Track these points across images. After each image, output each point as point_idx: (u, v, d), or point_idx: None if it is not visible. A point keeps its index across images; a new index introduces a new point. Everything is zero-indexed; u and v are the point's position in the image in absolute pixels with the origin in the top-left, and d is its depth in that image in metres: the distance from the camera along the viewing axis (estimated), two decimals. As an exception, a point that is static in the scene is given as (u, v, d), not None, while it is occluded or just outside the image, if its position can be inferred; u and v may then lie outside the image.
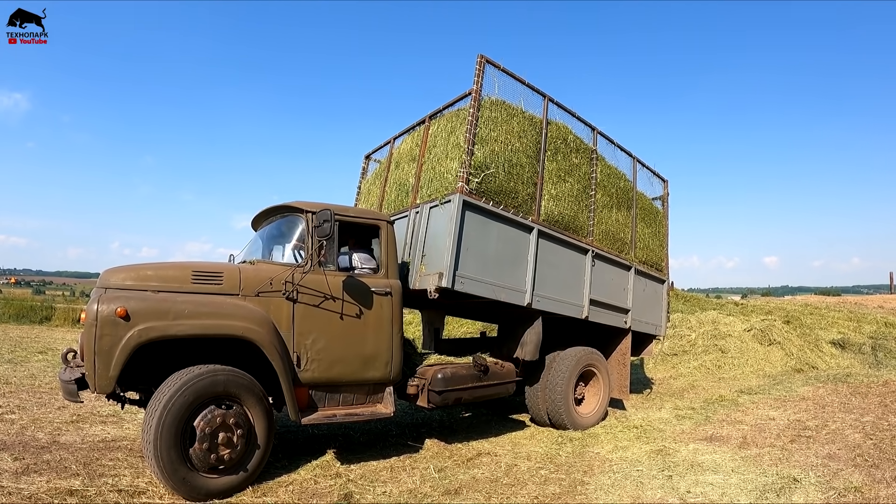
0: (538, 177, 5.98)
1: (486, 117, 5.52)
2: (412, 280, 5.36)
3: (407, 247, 5.65)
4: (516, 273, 5.68)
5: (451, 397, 5.24)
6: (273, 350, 4.13)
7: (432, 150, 5.95)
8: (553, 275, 6.07)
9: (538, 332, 5.90)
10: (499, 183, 5.49)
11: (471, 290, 5.19)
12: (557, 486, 4.31)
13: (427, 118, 6.40)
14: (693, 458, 4.97)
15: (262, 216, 5.35)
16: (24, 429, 5.26)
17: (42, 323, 18.74)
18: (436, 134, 6.06)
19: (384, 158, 7.47)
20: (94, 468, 4.23)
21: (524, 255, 5.75)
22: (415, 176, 6.04)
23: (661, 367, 11.31)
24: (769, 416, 6.64)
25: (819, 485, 4.17)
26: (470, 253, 5.19)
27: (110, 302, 3.68)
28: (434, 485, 4.29)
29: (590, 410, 6.57)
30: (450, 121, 5.92)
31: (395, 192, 6.44)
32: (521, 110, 5.99)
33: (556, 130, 6.40)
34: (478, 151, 5.34)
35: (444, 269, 4.96)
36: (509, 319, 6.20)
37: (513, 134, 5.74)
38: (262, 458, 4.11)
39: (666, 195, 8.63)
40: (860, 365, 11.05)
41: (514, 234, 5.68)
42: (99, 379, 3.61)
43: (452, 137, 5.67)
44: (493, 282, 5.41)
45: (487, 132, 5.50)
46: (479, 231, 5.31)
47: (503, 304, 5.62)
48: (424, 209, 5.52)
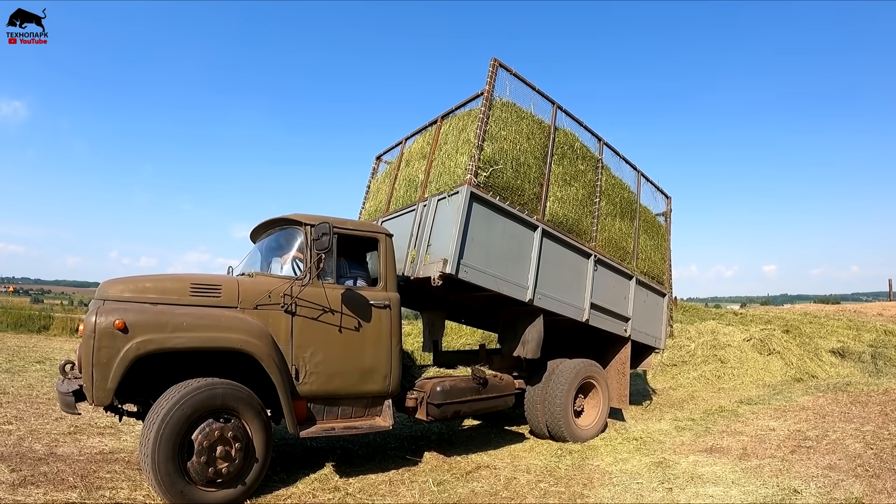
0: (544, 178, 6.08)
1: (496, 116, 5.66)
2: (416, 269, 5.40)
3: (413, 238, 5.71)
4: (519, 269, 5.73)
5: (449, 410, 5.23)
6: (271, 363, 4.13)
7: (443, 147, 6.07)
8: (555, 275, 6.12)
9: (539, 330, 5.91)
10: (506, 179, 5.59)
11: (474, 280, 5.23)
12: (557, 500, 4.29)
13: (439, 118, 6.54)
14: (693, 469, 4.95)
15: (260, 228, 5.37)
16: (21, 440, 5.24)
17: (40, 332, 18.67)
18: (447, 132, 6.19)
19: (395, 158, 7.59)
20: (91, 480, 4.21)
21: (528, 253, 5.82)
22: (424, 172, 6.15)
23: (661, 377, 11.28)
24: (769, 427, 6.63)
25: (820, 496, 4.15)
26: (475, 243, 5.25)
27: (109, 314, 3.68)
28: (433, 498, 4.27)
29: (589, 422, 6.55)
30: (461, 119, 6.06)
31: (405, 188, 6.53)
32: (530, 114, 6.14)
33: (563, 136, 6.54)
34: (487, 147, 5.45)
35: (449, 255, 5.01)
36: (510, 318, 6.23)
37: (521, 135, 5.87)
38: (261, 471, 4.09)
39: (669, 211, 8.75)
40: (860, 373, 11.04)
41: (518, 231, 5.75)
42: (97, 391, 3.60)
43: (463, 134, 5.79)
44: (496, 274, 5.45)
45: (497, 130, 5.63)
46: (484, 224, 5.38)
47: (504, 304, 5.64)
48: (432, 202, 5.61)
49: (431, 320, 7.74)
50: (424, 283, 5.22)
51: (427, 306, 7.69)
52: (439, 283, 5.01)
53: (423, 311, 7.98)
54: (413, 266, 5.47)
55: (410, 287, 5.65)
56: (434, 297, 6.70)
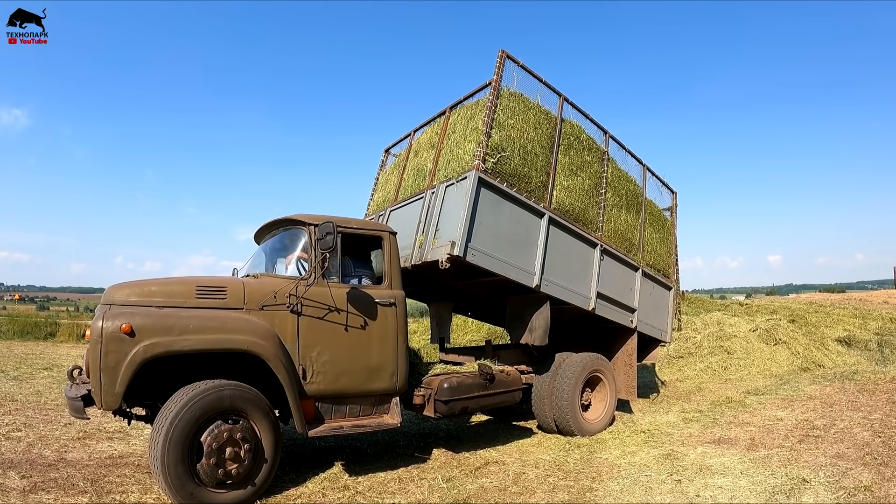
0: (551, 167, 6.12)
1: (504, 105, 5.72)
2: (424, 253, 5.44)
3: (421, 225, 5.75)
4: (526, 255, 5.76)
5: (457, 406, 5.23)
6: (278, 363, 4.14)
7: (451, 136, 6.12)
8: (562, 262, 6.15)
9: (546, 317, 5.93)
10: (513, 166, 5.64)
11: (482, 264, 5.26)
12: (566, 494, 4.30)
13: (448, 109, 6.58)
14: (702, 461, 4.95)
15: (264, 229, 5.38)
16: (30, 446, 5.27)
17: (47, 339, 18.73)
18: (455, 122, 6.24)
19: (403, 150, 7.63)
20: (101, 485, 4.23)
21: (535, 239, 5.85)
22: (433, 161, 6.19)
23: (668, 369, 11.26)
24: (777, 417, 6.61)
25: (828, 485, 4.15)
26: (482, 227, 5.29)
27: (115, 318, 3.70)
28: (443, 495, 4.28)
29: (597, 416, 6.56)
30: (469, 109, 6.11)
31: (413, 178, 6.58)
32: (537, 105, 6.19)
33: (569, 128, 6.59)
34: (495, 135, 5.50)
35: (457, 238, 5.04)
36: (517, 306, 6.27)
37: (528, 124, 5.93)
38: (270, 471, 4.11)
39: (675, 206, 8.79)
40: (867, 362, 10.99)
41: (525, 217, 5.79)
42: (105, 395, 3.62)
43: (471, 123, 5.85)
44: (503, 259, 5.49)
45: (505, 119, 5.69)
46: (492, 209, 5.43)
47: (511, 292, 5.66)
48: (440, 188, 5.66)
49: (439, 312, 7.79)
50: (432, 267, 5.26)
51: (434, 297, 7.73)
52: (447, 266, 5.04)
53: (430, 302, 8.04)
54: (421, 250, 5.52)
55: (418, 275, 5.70)
56: (441, 285, 6.73)
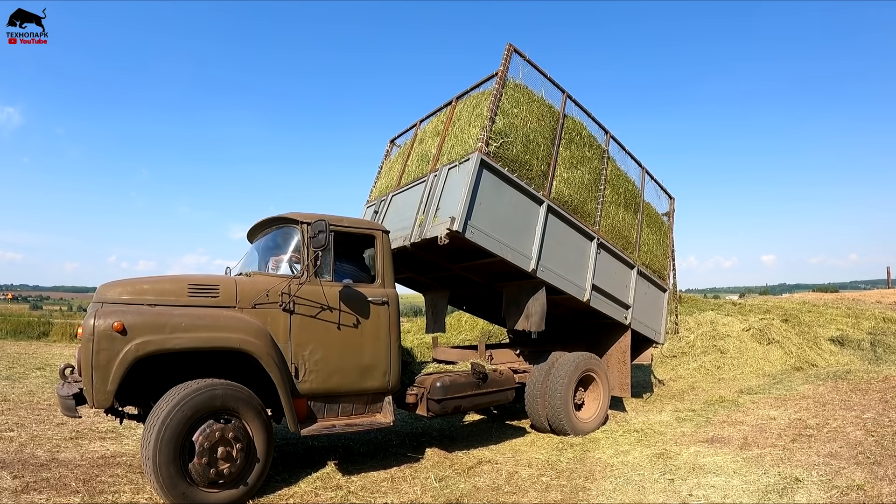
0: (552, 159, 6.20)
1: (509, 95, 5.83)
2: (424, 230, 5.51)
3: (422, 205, 5.81)
4: (524, 239, 5.83)
5: (450, 405, 5.23)
6: (271, 362, 4.12)
7: (456, 123, 6.20)
8: (559, 251, 6.22)
9: (542, 304, 5.98)
10: (515, 153, 5.72)
11: (480, 242, 5.31)
12: (559, 493, 4.30)
13: (454, 99, 6.65)
14: (694, 460, 4.96)
15: (257, 228, 5.36)
16: (22, 446, 5.24)
17: (40, 338, 18.64)
18: (461, 111, 6.33)
19: (408, 140, 7.69)
20: (93, 485, 4.21)
21: (533, 225, 5.92)
22: (437, 147, 6.26)
23: (661, 369, 11.29)
24: (770, 416, 6.64)
25: (821, 484, 4.17)
26: (482, 208, 5.36)
27: (107, 316, 3.68)
28: (435, 494, 4.28)
29: (590, 415, 6.57)
30: (475, 98, 6.20)
31: (417, 164, 6.65)
32: (541, 98, 6.30)
33: (571, 123, 6.70)
34: (499, 121, 5.59)
35: (457, 214, 5.09)
36: (514, 293, 6.33)
37: (532, 115, 6.03)
38: (262, 471, 4.10)
39: (672, 211, 8.87)
40: (860, 361, 11.05)
41: (524, 203, 5.86)
42: (97, 394, 3.60)
43: (477, 110, 5.93)
44: (501, 240, 5.55)
45: (510, 108, 5.79)
46: (493, 191, 5.51)
47: (507, 278, 5.74)
48: (443, 171, 5.74)
49: (434, 301, 7.82)
50: (431, 246, 5.31)
51: (430, 287, 7.73)
52: (446, 242, 5.09)
53: (425, 292, 8.06)
54: (421, 228, 5.58)
55: (416, 258, 5.71)
56: (438, 269, 6.78)
